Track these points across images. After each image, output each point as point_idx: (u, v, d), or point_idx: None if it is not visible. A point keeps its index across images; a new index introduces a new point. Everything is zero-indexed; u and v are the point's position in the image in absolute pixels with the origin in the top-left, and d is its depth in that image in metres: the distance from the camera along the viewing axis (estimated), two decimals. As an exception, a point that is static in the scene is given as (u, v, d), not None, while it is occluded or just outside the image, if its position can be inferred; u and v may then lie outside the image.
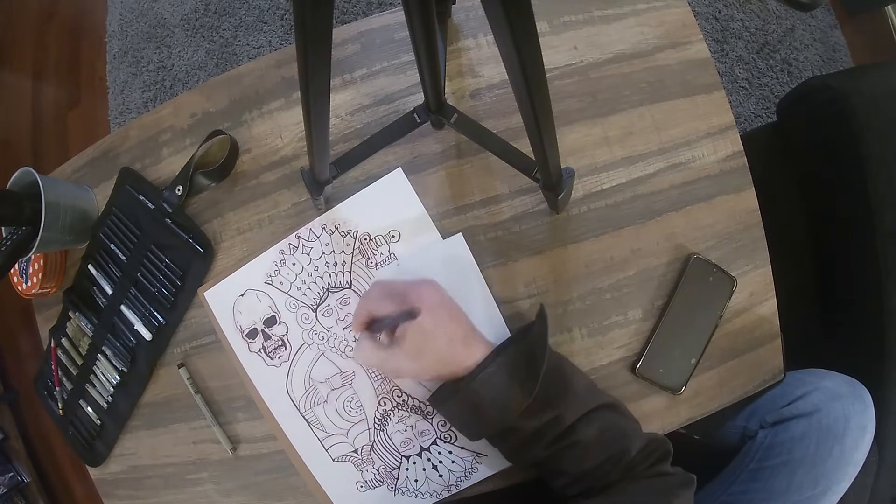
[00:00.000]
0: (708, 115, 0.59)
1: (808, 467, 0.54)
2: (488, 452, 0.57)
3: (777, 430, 0.57)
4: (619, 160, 0.58)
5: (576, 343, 0.57)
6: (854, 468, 0.54)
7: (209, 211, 0.62)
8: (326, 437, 0.58)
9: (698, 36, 0.60)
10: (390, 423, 0.58)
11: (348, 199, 0.58)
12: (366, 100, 0.60)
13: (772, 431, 0.58)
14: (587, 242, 0.58)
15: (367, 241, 0.58)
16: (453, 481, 0.57)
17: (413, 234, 0.58)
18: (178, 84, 1.48)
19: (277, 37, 1.44)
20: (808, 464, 0.54)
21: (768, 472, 0.57)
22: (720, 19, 1.35)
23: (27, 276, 0.64)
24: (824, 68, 1.35)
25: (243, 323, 0.59)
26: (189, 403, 0.61)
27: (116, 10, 1.56)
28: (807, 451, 0.55)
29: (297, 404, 0.58)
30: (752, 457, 0.60)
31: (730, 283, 0.56)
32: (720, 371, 0.57)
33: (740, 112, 1.32)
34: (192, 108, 0.63)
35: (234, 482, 0.61)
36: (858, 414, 0.55)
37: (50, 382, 0.67)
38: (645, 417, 0.57)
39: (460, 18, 0.61)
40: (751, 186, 0.59)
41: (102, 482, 0.66)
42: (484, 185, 0.58)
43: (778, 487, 0.55)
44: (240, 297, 0.59)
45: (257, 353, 0.59)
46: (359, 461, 0.58)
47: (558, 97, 0.59)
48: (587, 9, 0.60)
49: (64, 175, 0.68)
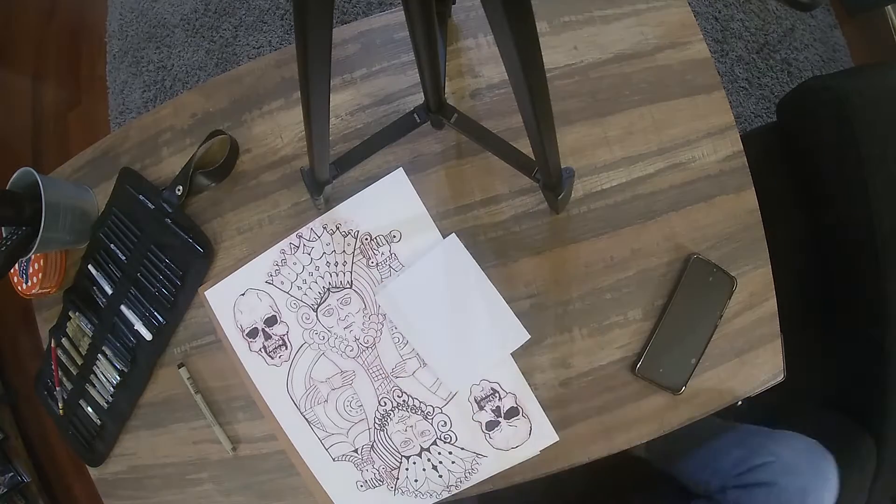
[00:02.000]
0: (708, 115, 0.59)
1: None
2: (488, 453, 0.57)
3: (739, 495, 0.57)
4: (619, 160, 0.58)
5: (576, 343, 0.57)
6: None
7: (209, 211, 0.62)
8: (326, 437, 0.58)
9: (698, 36, 0.60)
10: (390, 422, 0.58)
11: (349, 199, 0.58)
12: (366, 100, 0.60)
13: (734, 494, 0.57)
14: (587, 242, 0.58)
15: (367, 241, 0.58)
16: (453, 482, 0.57)
17: (414, 234, 0.58)
18: (178, 84, 1.48)
19: (277, 37, 1.44)
20: None
21: None
22: (720, 19, 1.35)
23: (27, 276, 0.64)
24: (824, 68, 1.35)
25: (244, 322, 0.59)
26: (189, 403, 0.61)
27: (116, 10, 1.56)
28: None
29: (298, 404, 0.58)
30: None
31: (730, 283, 0.56)
32: (720, 371, 0.57)
33: (740, 112, 1.32)
34: (192, 108, 0.63)
35: (234, 482, 0.61)
36: (816, 490, 0.54)
37: (50, 382, 0.67)
38: (645, 417, 0.57)
39: (460, 18, 0.61)
40: (751, 186, 0.59)
41: (102, 482, 0.66)
42: (484, 185, 0.58)
43: None
44: (240, 297, 0.59)
45: (258, 352, 0.59)
46: (359, 461, 0.58)
47: (558, 97, 0.59)
48: (587, 9, 0.60)
49: (64, 175, 0.68)
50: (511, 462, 0.57)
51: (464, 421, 0.57)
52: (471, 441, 0.57)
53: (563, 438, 0.57)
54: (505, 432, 0.57)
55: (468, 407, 0.57)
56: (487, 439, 0.57)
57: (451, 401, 0.57)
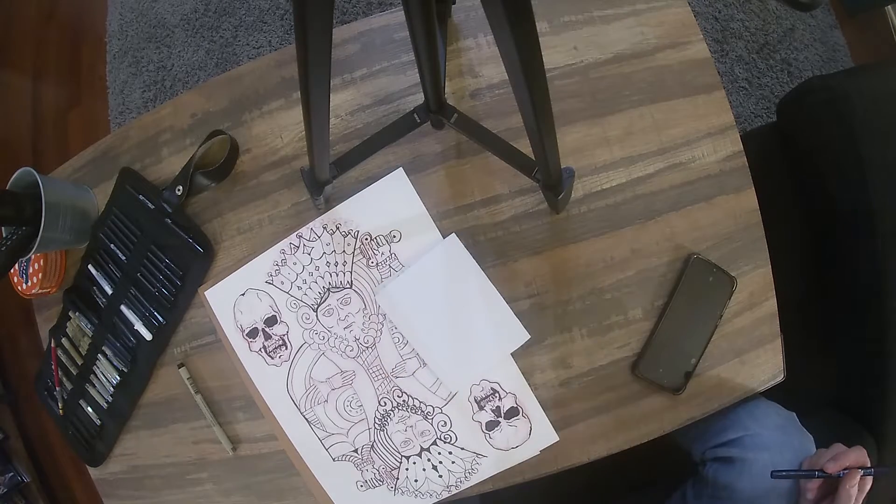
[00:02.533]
0: (708, 115, 0.59)
1: None
2: (488, 453, 0.57)
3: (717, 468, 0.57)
4: (619, 160, 0.58)
5: (576, 343, 0.57)
6: None
7: (209, 211, 0.62)
8: (327, 437, 0.58)
9: (698, 36, 0.60)
10: (390, 423, 0.58)
11: (349, 199, 0.58)
12: (366, 100, 0.60)
13: (712, 468, 0.58)
14: (587, 242, 0.58)
15: (367, 241, 0.58)
16: (453, 482, 0.57)
17: (414, 234, 0.58)
18: (178, 84, 1.48)
19: (277, 37, 1.44)
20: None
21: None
22: (720, 19, 1.35)
23: (27, 276, 0.64)
24: (824, 68, 1.35)
25: (244, 322, 0.59)
26: (189, 403, 0.61)
27: (116, 10, 1.56)
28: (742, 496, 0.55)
29: (298, 404, 0.58)
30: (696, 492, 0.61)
31: (730, 283, 0.56)
32: (720, 371, 0.57)
33: (740, 112, 1.32)
34: (192, 108, 0.63)
35: (234, 482, 0.61)
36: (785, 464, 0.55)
37: (50, 382, 0.67)
38: (645, 417, 0.57)
39: (460, 18, 0.61)
40: (751, 186, 0.59)
41: (102, 482, 0.66)
42: (484, 185, 0.58)
43: None
44: (240, 297, 0.59)
45: (258, 352, 0.59)
46: (359, 461, 0.58)
47: (558, 97, 0.59)
48: (587, 9, 0.60)
49: (64, 175, 0.68)
50: (511, 462, 0.57)
51: (464, 421, 0.57)
52: (471, 441, 0.57)
53: (563, 438, 0.57)
54: (505, 432, 0.57)
55: (468, 407, 0.57)
56: (487, 439, 0.57)
57: (451, 401, 0.57)
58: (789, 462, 0.54)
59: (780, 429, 0.57)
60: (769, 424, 0.57)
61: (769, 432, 0.57)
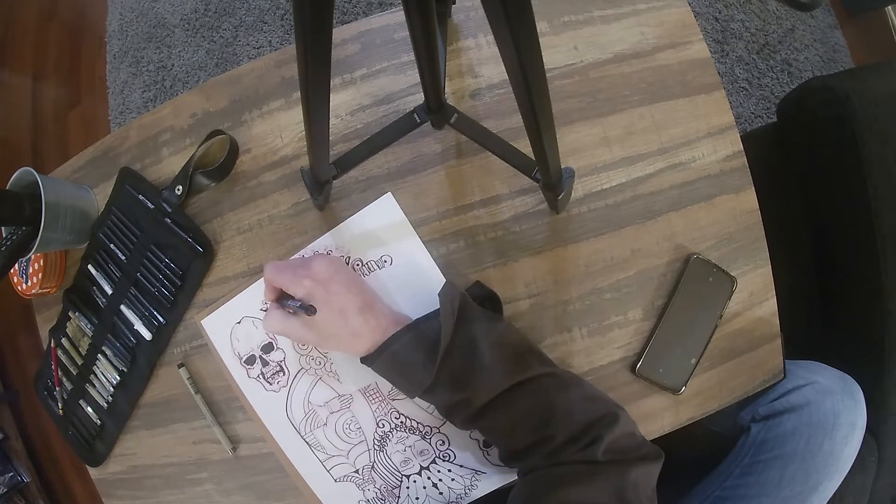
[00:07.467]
0: (708, 115, 0.59)
1: (799, 462, 0.55)
2: (487, 470, 0.57)
3: (769, 425, 0.58)
4: (619, 160, 0.58)
5: (576, 343, 0.57)
6: (845, 463, 0.55)
7: (209, 211, 0.62)
8: (327, 459, 0.58)
9: (698, 36, 0.60)
10: (389, 443, 0.58)
11: (340, 225, 0.58)
12: (366, 100, 0.60)
13: (764, 426, 0.59)
14: (587, 242, 0.58)
15: (359, 267, 0.58)
16: (454, 498, 0.57)
17: (405, 259, 0.58)
18: (178, 84, 1.48)
19: (277, 37, 1.44)
20: (798, 459, 0.55)
21: (761, 467, 0.57)
22: (720, 19, 1.35)
23: (27, 276, 0.64)
24: (824, 68, 1.35)
25: (241, 350, 0.59)
26: (189, 403, 0.61)
27: (116, 10, 1.56)
28: (797, 446, 0.55)
29: (298, 428, 0.59)
30: (745, 452, 0.60)
31: (730, 283, 0.56)
32: (720, 371, 0.57)
33: (740, 112, 1.32)
34: (192, 108, 0.63)
35: (234, 482, 0.61)
36: (848, 410, 0.55)
37: (50, 382, 0.67)
38: (645, 417, 0.57)
39: (460, 18, 0.61)
40: (751, 186, 0.59)
41: (102, 482, 0.66)
42: (484, 185, 0.58)
43: (770, 482, 0.56)
44: (237, 325, 0.59)
45: (256, 378, 0.59)
46: (360, 481, 0.58)
47: (558, 97, 0.59)
48: (587, 9, 0.60)
49: (64, 175, 0.68)
50: (511, 476, 0.57)
51: (461, 439, 0.57)
52: (469, 458, 0.57)
53: (563, 438, 0.57)
54: None
55: None
56: (486, 456, 0.57)
57: None
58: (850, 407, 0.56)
59: (841, 380, 0.59)
60: (830, 375, 0.59)
61: (832, 382, 0.58)
